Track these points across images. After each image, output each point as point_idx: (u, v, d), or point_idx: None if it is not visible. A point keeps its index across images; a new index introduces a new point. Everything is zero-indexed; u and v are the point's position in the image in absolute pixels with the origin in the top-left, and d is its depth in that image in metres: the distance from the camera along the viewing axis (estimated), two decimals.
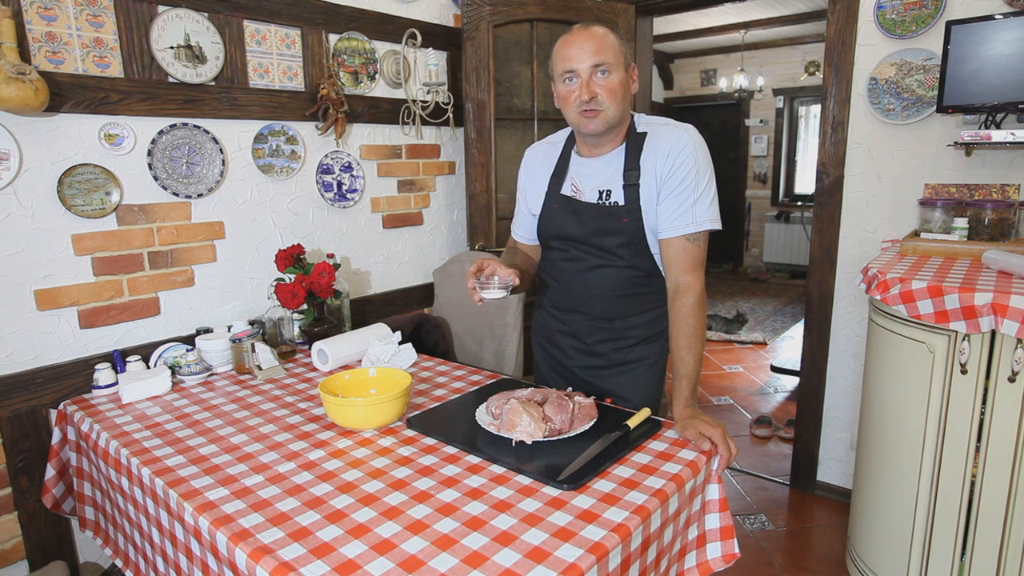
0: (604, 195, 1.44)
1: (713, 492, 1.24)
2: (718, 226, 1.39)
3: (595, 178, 1.45)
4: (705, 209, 1.37)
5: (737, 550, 1.23)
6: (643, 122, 1.44)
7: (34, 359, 1.65)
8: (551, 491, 1.08)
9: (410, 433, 1.35)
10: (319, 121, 2.18)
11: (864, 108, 2.28)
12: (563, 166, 1.52)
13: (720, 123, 7.70)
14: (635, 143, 1.41)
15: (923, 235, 2.07)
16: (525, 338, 2.38)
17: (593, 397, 1.40)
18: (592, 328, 1.54)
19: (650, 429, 1.30)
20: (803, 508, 2.56)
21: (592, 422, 1.30)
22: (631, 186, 1.39)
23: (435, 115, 2.51)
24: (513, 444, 1.23)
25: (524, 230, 1.64)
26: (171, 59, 1.79)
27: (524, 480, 1.12)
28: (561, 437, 1.25)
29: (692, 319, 1.35)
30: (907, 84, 2.18)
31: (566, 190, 1.51)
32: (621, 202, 1.41)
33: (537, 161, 1.59)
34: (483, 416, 1.35)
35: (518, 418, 1.24)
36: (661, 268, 1.46)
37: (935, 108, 2.05)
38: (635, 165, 1.40)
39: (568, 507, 1.03)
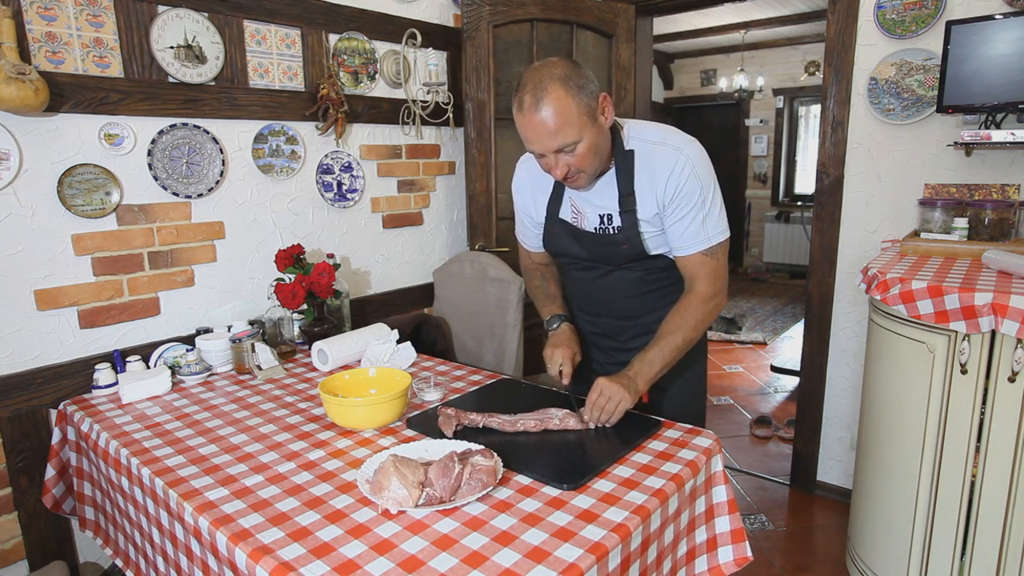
0: (606, 219, 1.41)
1: (721, 494, 1.23)
2: (728, 235, 1.37)
3: (595, 201, 1.41)
4: (715, 223, 1.34)
5: (749, 553, 1.23)
6: (632, 136, 1.36)
7: (34, 359, 1.65)
8: (551, 491, 1.08)
9: (410, 433, 1.35)
10: (319, 121, 2.18)
11: (864, 108, 2.28)
12: (560, 187, 1.47)
13: (720, 123, 7.70)
14: (624, 165, 1.35)
15: (923, 235, 2.07)
16: (525, 338, 2.38)
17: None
18: (622, 327, 1.55)
19: (650, 429, 1.30)
20: (803, 508, 2.56)
21: (487, 490, 1.06)
22: (628, 212, 1.36)
23: (435, 115, 2.51)
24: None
25: (531, 238, 1.62)
26: (171, 59, 1.79)
27: (524, 480, 1.12)
28: (444, 506, 1.04)
29: (691, 311, 1.36)
30: (907, 84, 2.17)
31: (565, 214, 1.48)
32: (621, 227, 1.39)
33: (531, 176, 1.52)
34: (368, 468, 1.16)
35: (386, 480, 1.04)
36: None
37: (935, 108, 2.05)
38: (629, 190, 1.35)
39: (568, 507, 1.03)
